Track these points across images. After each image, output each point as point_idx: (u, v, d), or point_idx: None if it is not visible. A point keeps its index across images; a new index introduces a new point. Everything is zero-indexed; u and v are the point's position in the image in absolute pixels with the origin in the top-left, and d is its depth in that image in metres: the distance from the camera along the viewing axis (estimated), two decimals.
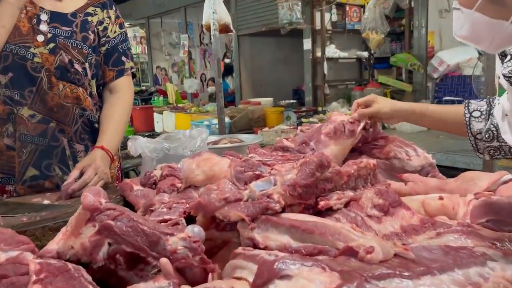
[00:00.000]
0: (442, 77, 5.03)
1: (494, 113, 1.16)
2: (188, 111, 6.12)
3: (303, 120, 4.76)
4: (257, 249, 0.82)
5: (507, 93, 1.12)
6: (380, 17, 5.25)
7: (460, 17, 0.88)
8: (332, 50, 6.15)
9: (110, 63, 1.79)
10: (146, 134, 5.86)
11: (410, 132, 3.99)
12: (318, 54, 5.98)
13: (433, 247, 0.75)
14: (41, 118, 1.63)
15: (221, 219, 0.89)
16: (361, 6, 6.25)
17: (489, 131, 1.16)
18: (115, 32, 1.80)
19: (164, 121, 6.21)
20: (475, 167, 2.98)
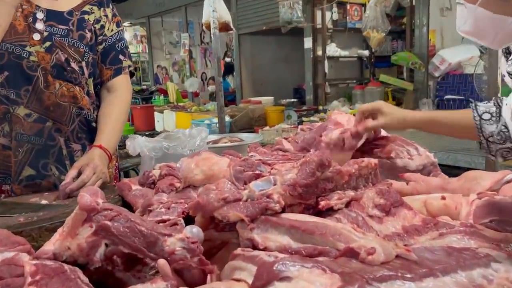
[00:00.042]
0: (444, 76, 5.02)
1: (503, 114, 1.14)
2: (189, 110, 6.11)
3: (304, 119, 4.76)
4: (257, 250, 0.81)
5: None
6: (381, 16, 5.24)
7: (464, 12, 0.87)
8: (333, 49, 6.14)
9: (108, 62, 1.77)
10: (147, 133, 5.86)
11: (412, 131, 3.96)
12: (319, 53, 5.97)
13: (436, 248, 0.74)
14: (38, 117, 1.62)
15: (220, 220, 0.88)
16: (362, 5, 6.24)
17: (501, 133, 1.13)
18: (112, 31, 1.78)
19: (165, 120, 6.20)
20: (477, 166, 2.97)
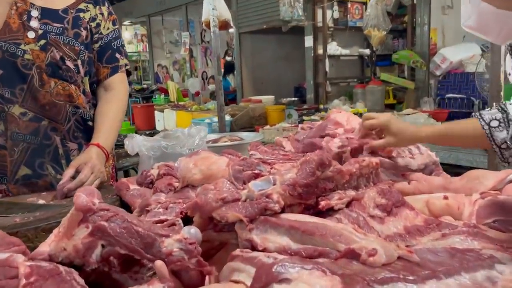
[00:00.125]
0: (445, 74, 5.00)
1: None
2: (189, 109, 6.10)
3: (305, 118, 4.74)
4: (256, 251, 0.80)
5: None
6: (382, 14, 5.22)
7: (468, 8, 0.86)
8: (334, 48, 6.12)
9: (104, 60, 1.76)
10: (147, 133, 5.86)
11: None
12: (320, 52, 5.96)
13: (439, 249, 0.73)
14: (33, 116, 1.60)
15: (219, 220, 0.87)
16: (363, 3, 6.22)
17: None
18: (108, 29, 1.77)
19: (165, 119, 6.18)
20: (479, 165, 2.95)
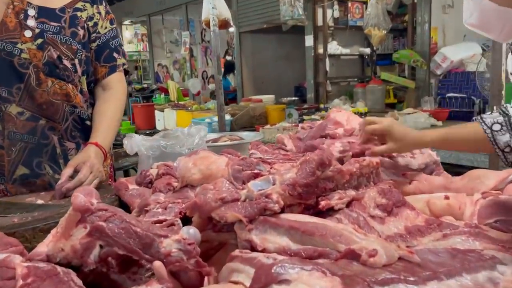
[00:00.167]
0: (446, 74, 4.99)
1: None
2: (189, 109, 6.09)
3: (305, 117, 4.73)
4: (255, 252, 0.79)
5: None
6: (383, 13, 5.21)
7: (470, 5, 0.86)
8: (334, 47, 6.11)
9: (102, 59, 1.75)
10: (148, 132, 5.87)
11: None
12: (320, 51, 5.95)
13: (440, 250, 0.72)
14: (30, 116, 1.59)
15: (218, 220, 0.86)
16: (363, 2, 6.21)
17: None
18: (106, 28, 1.76)
19: (166, 119, 6.18)
20: (480, 165, 2.94)
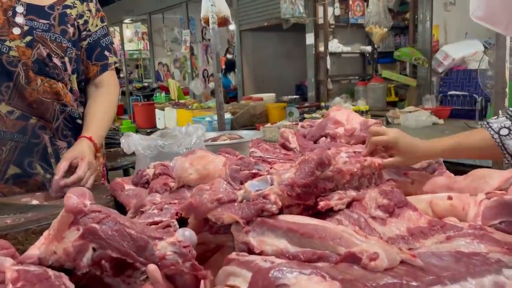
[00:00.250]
0: (447, 71, 4.96)
1: None
2: (190, 107, 6.07)
3: (306, 116, 4.70)
4: (252, 255, 0.77)
5: None
6: (384, 11, 5.17)
7: None
8: (335, 45, 6.07)
9: (93, 58, 1.73)
10: (148, 131, 5.84)
11: (415, 128, 3.91)
12: (321, 49, 5.92)
13: (443, 253, 0.70)
14: (20, 115, 1.57)
15: (214, 222, 0.84)
16: (365, 0, 6.17)
17: None
18: (97, 26, 1.74)
19: (166, 118, 6.16)
20: (482, 163, 2.91)
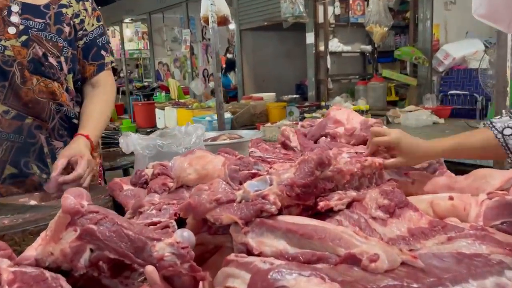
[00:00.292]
0: (448, 71, 4.95)
1: None
2: (190, 107, 6.06)
3: (306, 115, 4.69)
4: (251, 256, 0.76)
5: None
6: (384, 10, 5.16)
7: None
8: (335, 44, 6.06)
9: (90, 58, 1.73)
10: (148, 130, 5.83)
11: (415, 127, 3.90)
12: (321, 48, 5.90)
13: (445, 254, 0.69)
14: (16, 114, 1.56)
15: (213, 222, 0.83)
16: None
17: None
18: (93, 25, 1.73)
19: (166, 117, 6.15)
20: (482, 163, 2.90)
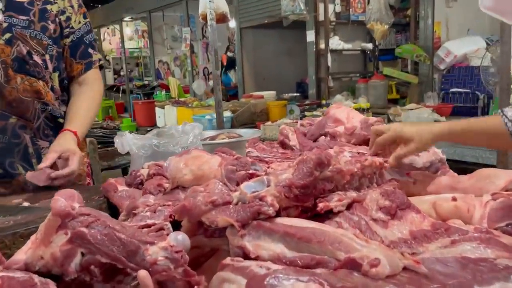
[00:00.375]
0: (449, 68, 4.92)
1: None
2: (190, 105, 6.04)
3: (307, 114, 4.67)
4: (248, 260, 0.73)
5: None
6: (385, 8, 5.14)
7: None
8: (336, 42, 6.03)
9: (78, 56, 1.70)
10: (148, 129, 5.81)
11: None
12: (322, 46, 5.88)
13: (448, 259, 0.66)
14: (0, 114, 1.53)
15: (208, 225, 0.80)
16: None
17: None
18: (80, 23, 1.70)
19: (166, 116, 6.14)
20: (485, 161, 2.88)
